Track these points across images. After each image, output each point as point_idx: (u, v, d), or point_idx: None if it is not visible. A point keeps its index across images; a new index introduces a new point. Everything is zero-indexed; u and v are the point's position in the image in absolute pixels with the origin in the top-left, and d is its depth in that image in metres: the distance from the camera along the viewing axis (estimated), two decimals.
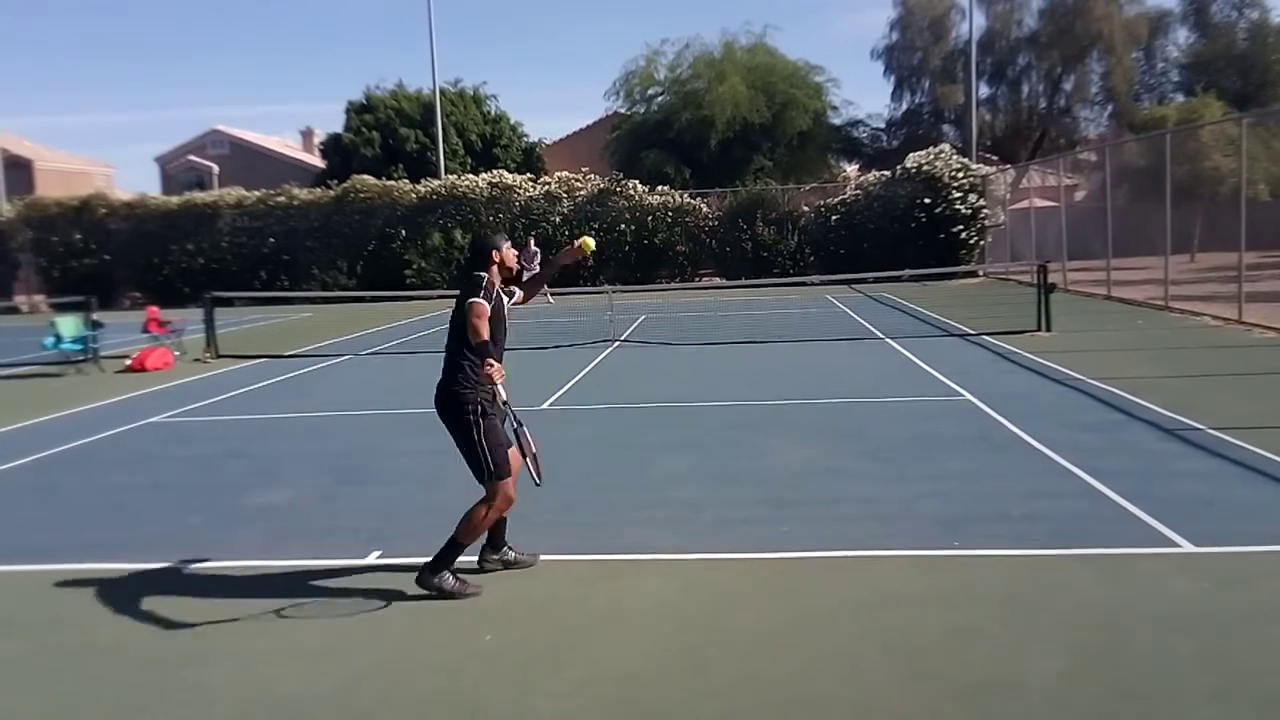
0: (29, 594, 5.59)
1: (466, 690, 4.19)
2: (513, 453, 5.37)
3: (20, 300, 33.53)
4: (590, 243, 5.72)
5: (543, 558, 5.72)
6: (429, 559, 5.24)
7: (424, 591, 5.19)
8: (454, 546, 5.21)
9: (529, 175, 35.37)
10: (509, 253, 5.51)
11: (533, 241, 28.75)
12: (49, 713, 4.15)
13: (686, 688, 4.12)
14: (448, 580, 5.19)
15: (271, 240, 33.79)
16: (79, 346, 15.95)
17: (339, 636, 4.79)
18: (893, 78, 44.88)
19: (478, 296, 5.22)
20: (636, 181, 33.84)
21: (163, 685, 4.35)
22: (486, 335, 5.15)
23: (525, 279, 5.31)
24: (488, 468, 5.20)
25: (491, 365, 5.04)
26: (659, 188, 33.83)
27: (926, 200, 30.50)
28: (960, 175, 30.68)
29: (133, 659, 4.64)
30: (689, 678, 4.21)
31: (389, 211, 33.31)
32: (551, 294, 26.42)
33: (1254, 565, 5.27)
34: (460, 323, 5.25)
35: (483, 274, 5.38)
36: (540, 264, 26.89)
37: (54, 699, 4.26)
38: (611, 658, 4.45)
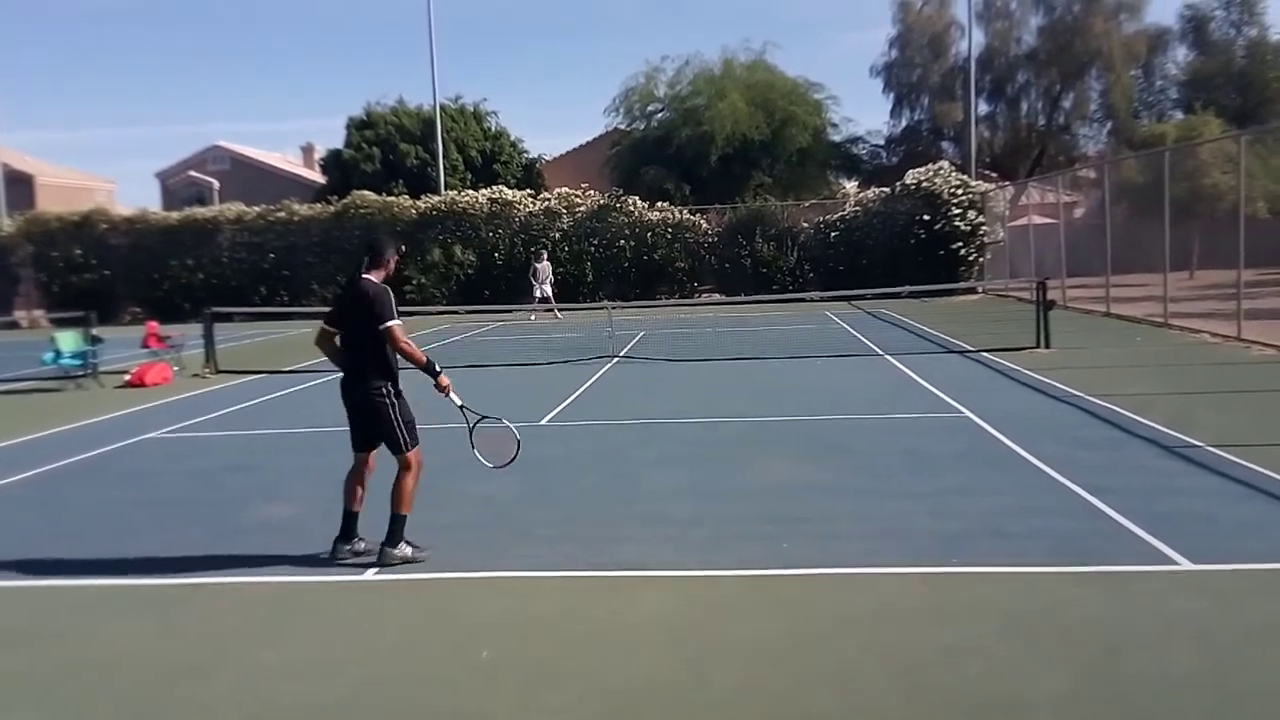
0: (29, 608, 5.59)
1: (465, 704, 4.20)
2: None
3: (20, 315, 33.55)
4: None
5: (541, 573, 5.73)
6: (383, 540, 5.87)
7: (422, 614, 5.19)
8: (399, 520, 5.89)
9: (529, 191, 35.44)
10: (393, 263, 6.19)
11: (545, 253, 28.79)
12: None
13: (684, 701, 4.13)
14: (406, 550, 5.87)
15: (271, 256, 33.82)
16: (79, 362, 15.96)
17: (338, 650, 4.80)
18: (892, 95, 45.03)
19: (392, 317, 5.94)
20: (636, 198, 33.91)
21: (163, 698, 4.35)
22: (417, 350, 5.99)
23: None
24: (404, 440, 5.97)
25: (446, 381, 6.09)
26: (658, 204, 33.90)
27: (926, 217, 30.56)
28: (959, 192, 30.76)
29: (133, 672, 4.65)
30: (687, 691, 4.22)
31: (389, 227, 33.29)
32: (560, 310, 26.52)
33: (1253, 583, 5.28)
34: (369, 318, 5.91)
35: (375, 278, 6.06)
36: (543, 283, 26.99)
37: (55, 712, 4.27)
38: (610, 671, 4.46)
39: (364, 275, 6.03)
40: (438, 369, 6.03)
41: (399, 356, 5.96)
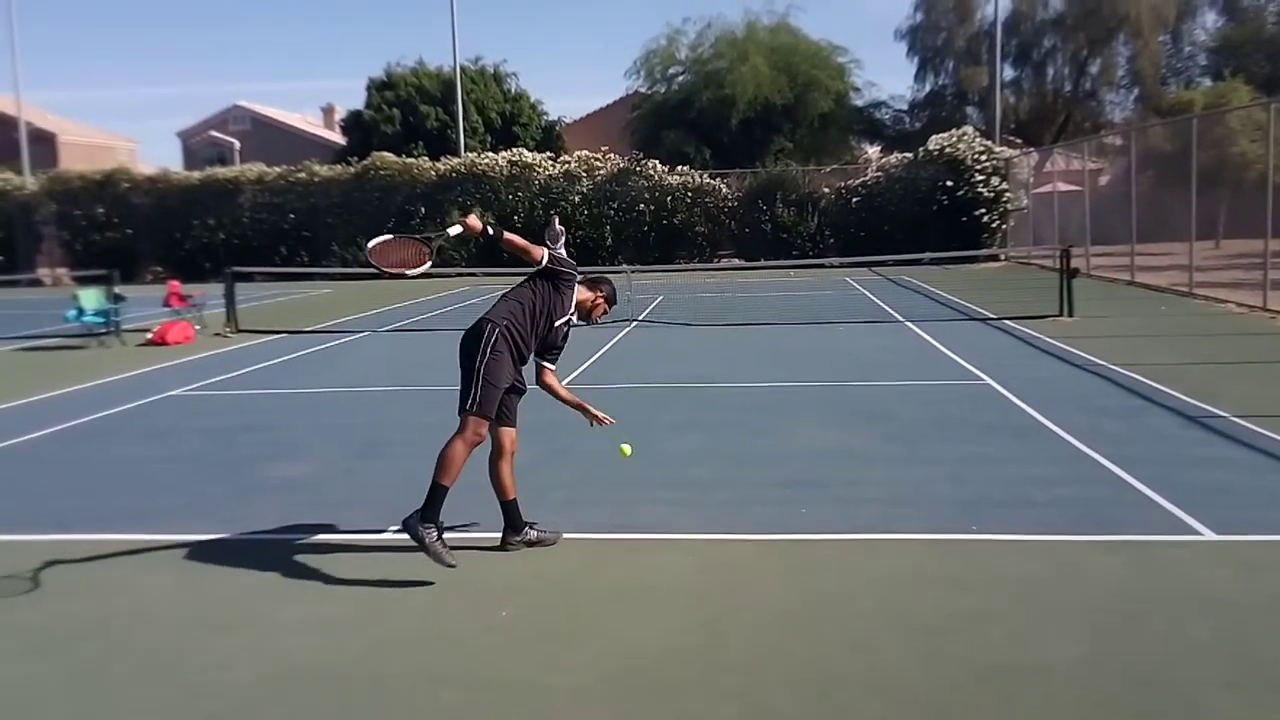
0: (52, 562, 5.62)
1: (483, 663, 4.21)
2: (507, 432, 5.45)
3: (43, 273, 33.79)
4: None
5: (563, 535, 5.71)
6: (420, 506, 5.09)
7: (435, 572, 5.18)
8: (436, 490, 5.09)
9: (548, 154, 35.26)
10: (600, 304, 5.86)
11: (556, 220, 28.68)
12: (70, 679, 4.19)
13: (703, 664, 4.13)
14: (431, 536, 5.00)
15: (292, 216, 33.90)
16: (101, 319, 16.05)
17: (356, 608, 4.82)
18: (916, 59, 44.60)
19: (556, 262, 5.50)
20: (656, 161, 33.73)
21: (182, 653, 4.38)
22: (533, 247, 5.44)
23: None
24: (474, 397, 5.16)
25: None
26: (679, 168, 33.70)
27: (949, 183, 30.30)
28: (983, 158, 30.45)
29: (153, 627, 4.68)
30: (705, 654, 4.22)
31: (409, 189, 33.35)
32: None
33: (1275, 554, 5.23)
34: (538, 286, 5.49)
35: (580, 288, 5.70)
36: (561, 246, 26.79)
37: (75, 665, 4.30)
38: (628, 633, 4.46)
39: None
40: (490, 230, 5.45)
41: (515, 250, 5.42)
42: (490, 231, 5.45)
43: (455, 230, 5.53)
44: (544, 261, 5.47)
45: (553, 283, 5.50)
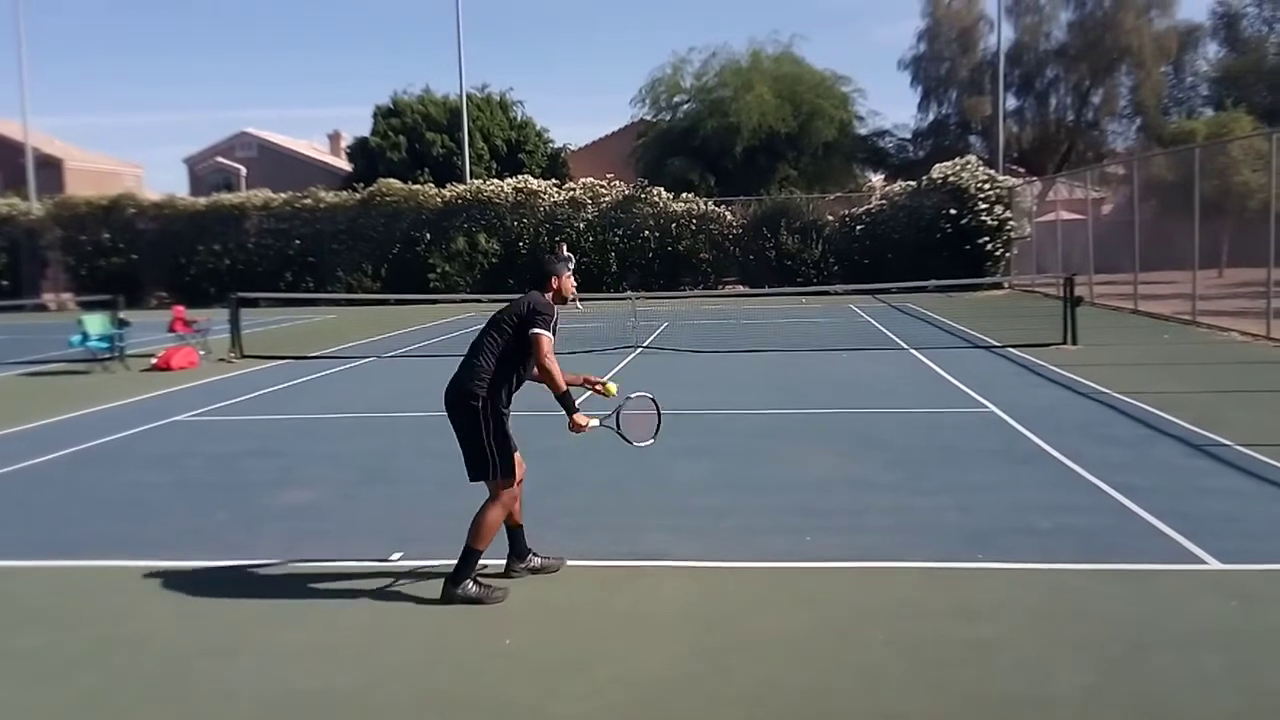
0: (56, 588, 5.63)
1: (488, 691, 4.20)
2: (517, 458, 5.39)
3: (48, 298, 33.86)
4: (613, 388, 5.82)
5: (566, 562, 5.71)
6: (450, 572, 5.20)
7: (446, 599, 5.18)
8: (471, 555, 5.17)
9: (554, 181, 35.39)
10: (567, 281, 5.64)
11: (564, 247, 28.75)
12: (73, 706, 4.18)
13: (708, 693, 4.11)
14: (471, 588, 5.15)
15: (297, 242, 33.99)
16: (105, 345, 16.06)
17: (360, 636, 4.81)
18: (920, 88, 44.78)
19: (544, 327, 5.26)
20: (661, 189, 33.84)
21: (186, 680, 4.37)
22: (560, 375, 5.26)
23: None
24: (493, 465, 5.18)
25: (583, 420, 5.32)
26: (683, 195, 33.81)
27: (952, 211, 30.37)
28: (987, 187, 30.54)
29: (157, 653, 4.67)
30: (710, 683, 4.20)
31: (414, 215, 33.44)
32: (581, 300, 26.47)
33: None
34: (508, 332, 5.32)
35: (547, 296, 5.48)
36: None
37: (78, 692, 4.29)
38: (633, 662, 4.45)
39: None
40: (575, 405, 5.34)
41: (535, 373, 5.31)
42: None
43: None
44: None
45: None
